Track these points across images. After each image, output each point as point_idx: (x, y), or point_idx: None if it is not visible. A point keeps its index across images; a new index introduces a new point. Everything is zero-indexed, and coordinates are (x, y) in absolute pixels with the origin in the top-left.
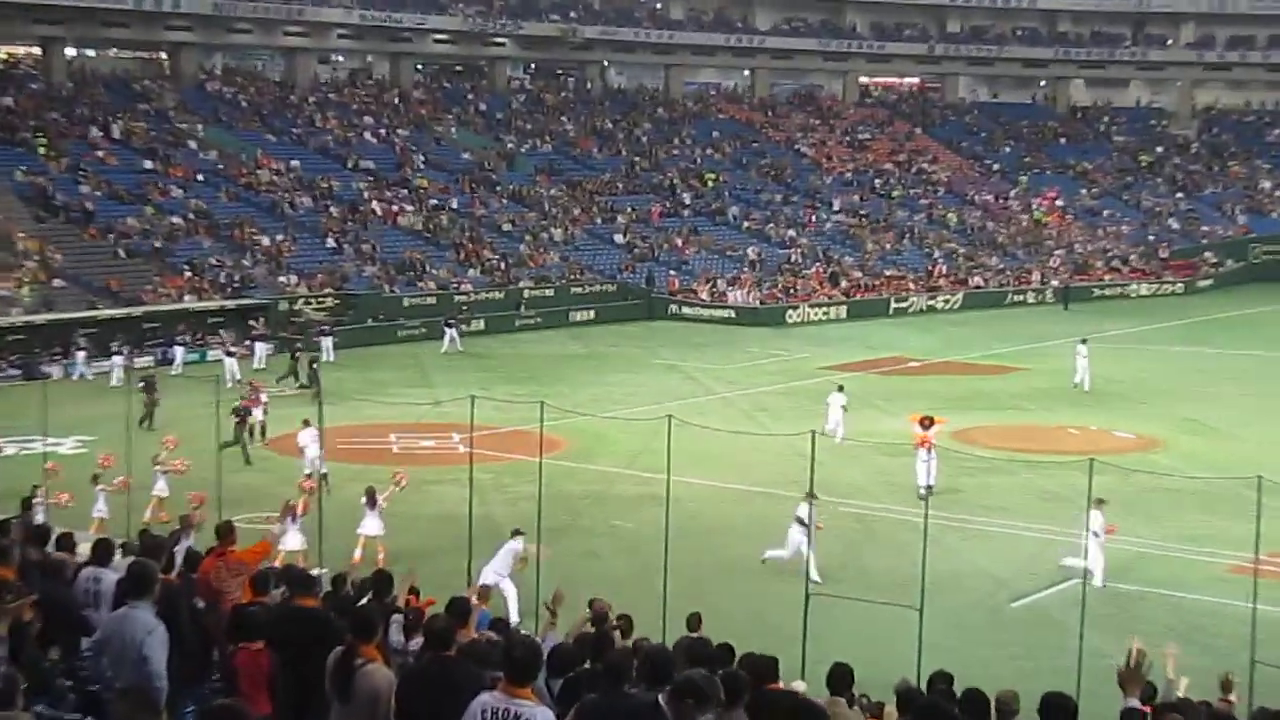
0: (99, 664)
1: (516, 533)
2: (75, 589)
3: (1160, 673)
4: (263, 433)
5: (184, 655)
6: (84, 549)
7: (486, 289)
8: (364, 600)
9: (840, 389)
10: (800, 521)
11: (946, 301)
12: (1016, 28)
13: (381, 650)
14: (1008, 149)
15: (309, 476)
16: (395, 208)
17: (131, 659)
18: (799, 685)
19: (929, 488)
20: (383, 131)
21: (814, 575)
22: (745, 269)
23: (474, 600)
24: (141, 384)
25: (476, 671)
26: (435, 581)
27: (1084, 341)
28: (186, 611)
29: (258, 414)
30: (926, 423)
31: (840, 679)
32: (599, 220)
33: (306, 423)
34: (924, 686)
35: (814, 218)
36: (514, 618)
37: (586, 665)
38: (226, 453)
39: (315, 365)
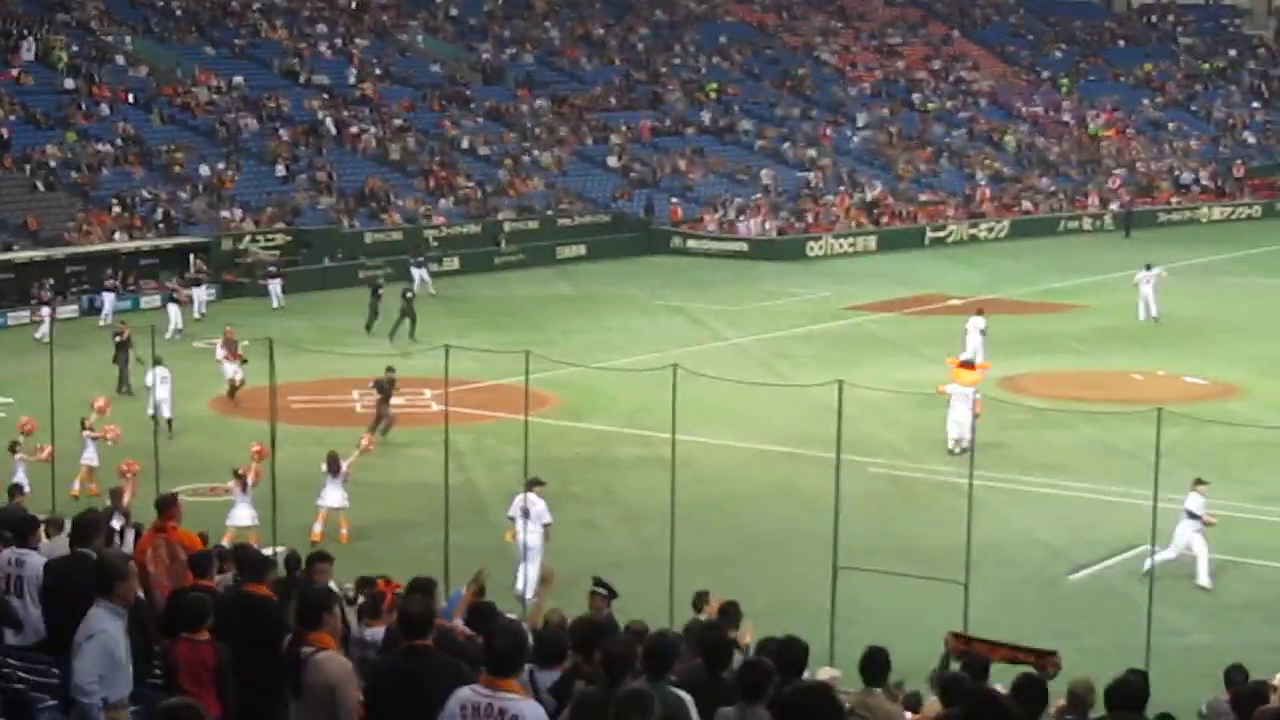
0: None
1: (534, 484)
2: None
3: None
4: (233, 390)
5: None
6: None
7: (461, 222)
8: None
9: (980, 312)
10: (1191, 515)
11: (991, 230)
12: None
13: (337, 637)
14: (1059, 54)
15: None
16: (354, 129)
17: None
18: (830, 672)
19: (958, 441)
20: (338, 42)
21: (1203, 580)
22: (758, 195)
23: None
24: (117, 338)
25: (455, 663)
26: (408, 559)
27: (1148, 267)
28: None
29: (233, 370)
30: (967, 367)
31: (875, 666)
32: (589, 141)
33: (158, 361)
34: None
35: (837, 135)
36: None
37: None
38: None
39: (409, 295)
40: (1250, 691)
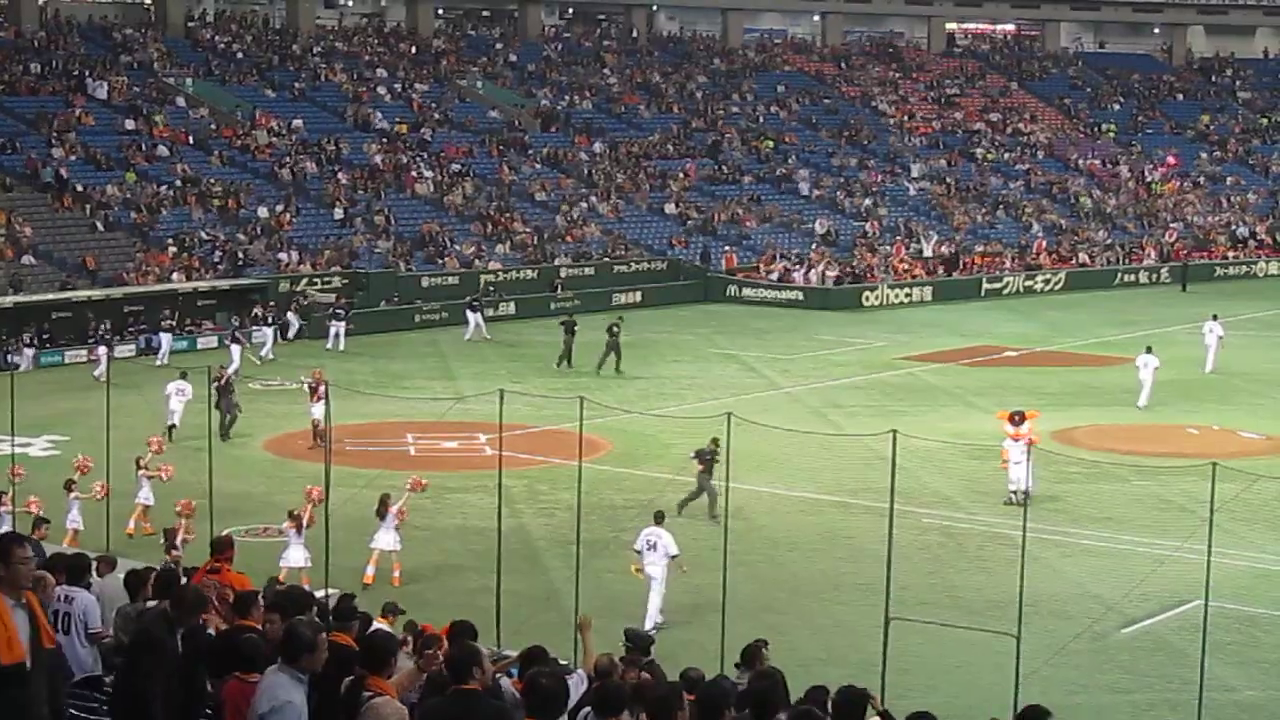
0: None
1: (661, 516)
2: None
3: None
4: (315, 433)
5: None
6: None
7: (517, 267)
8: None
9: (1149, 350)
10: None
11: (1047, 282)
12: None
13: (398, 684)
14: (1117, 106)
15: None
16: (412, 174)
17: None
18: None
19: (1025, 494)
20: (398, 86)
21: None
22: (815, 243)
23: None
24: (217, 383)
25: (502, 708)
26: (459, 603)
27: (1214, 318)
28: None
29: (316, 411)
30: (1017, 418)
31: None
32: (646, 188)
33: (183, 374)
34: None
35: (893, 185)
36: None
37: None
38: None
39: (616, 331)
40: None
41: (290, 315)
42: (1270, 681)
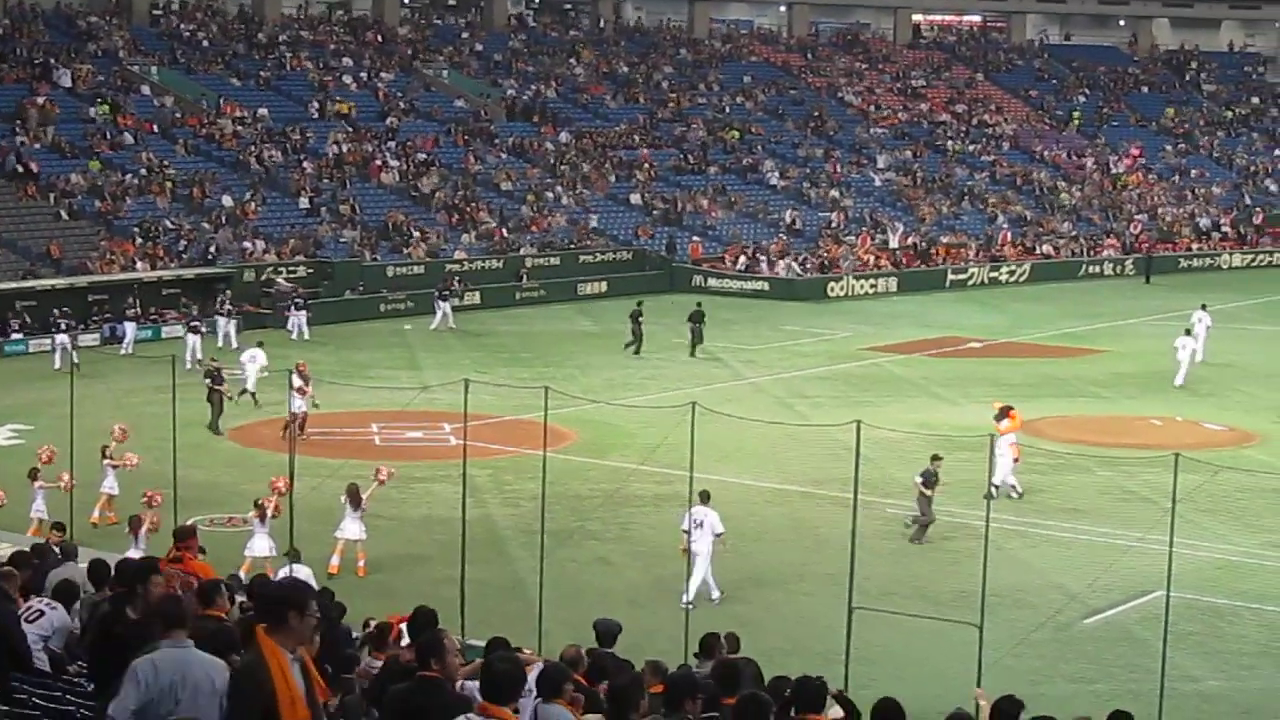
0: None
1: (706, 496)
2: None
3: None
4: (301, 426)
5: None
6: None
7: (483, 257)
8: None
9: (1188, 332)
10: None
11: (1012, 273)
12: None
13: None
14: (1082, 98)
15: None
16: (378, 163)
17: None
18: (839, 712)
19: (992, 486)
20: (364, 75)
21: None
22: (782, 235)
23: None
24: (207, 377)
25: (462, 696)
26: (424, 593)
27: (1204, 307)
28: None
29: (301, 405)
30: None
31: (887, 716)
32: (612, 178)
33: (260, 344)
34: (984, 716)
35: (859, 176)
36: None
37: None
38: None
39: (700, 319)
40: None
41: (293, 312)
42: (1232, 671)
